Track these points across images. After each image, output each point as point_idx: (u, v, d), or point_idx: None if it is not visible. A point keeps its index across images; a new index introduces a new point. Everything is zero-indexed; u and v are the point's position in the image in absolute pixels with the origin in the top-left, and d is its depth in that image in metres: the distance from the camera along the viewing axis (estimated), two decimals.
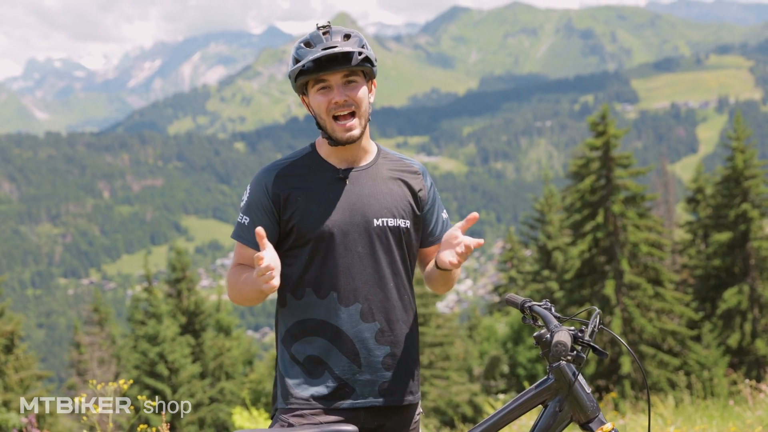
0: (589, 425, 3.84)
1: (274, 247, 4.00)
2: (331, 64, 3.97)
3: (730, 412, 10.74)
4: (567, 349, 3.71)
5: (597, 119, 30.24)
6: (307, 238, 4.06)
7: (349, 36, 4.05)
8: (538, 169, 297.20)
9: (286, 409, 4.09)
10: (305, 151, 4.24)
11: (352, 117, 4.05)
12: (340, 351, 4.05)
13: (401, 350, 4.15)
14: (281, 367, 4.14)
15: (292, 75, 4.07)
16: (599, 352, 3.75)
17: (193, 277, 36.50)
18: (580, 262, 29.79)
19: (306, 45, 4.04)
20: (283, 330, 4.15)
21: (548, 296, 37.40)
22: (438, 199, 4.39)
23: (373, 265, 4.10)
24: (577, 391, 3.81)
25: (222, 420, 33.31)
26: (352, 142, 4.08)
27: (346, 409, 4.03)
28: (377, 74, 4.17)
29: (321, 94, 4.03)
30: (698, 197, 36.33)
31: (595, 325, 3.92)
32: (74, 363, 37.16)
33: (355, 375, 4.04)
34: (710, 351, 29.75)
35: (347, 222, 4.07)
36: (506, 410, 3.91)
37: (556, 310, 3.96)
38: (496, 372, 39.84)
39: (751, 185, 31.23)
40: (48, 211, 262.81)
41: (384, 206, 4.13)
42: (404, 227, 4.17)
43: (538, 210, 44.10)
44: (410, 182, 4.26)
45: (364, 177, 4.17)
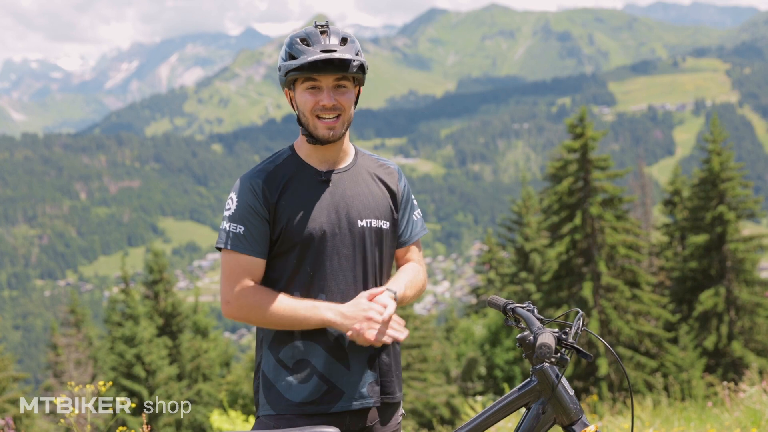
0: (572, 427, 3.85)
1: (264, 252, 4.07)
2: (327, 67, 3.96)
3: (708, 414, 10.77)
4: (551, 351, 3.70)
5: (575, 121, 30.29)
6: (294, 241, 4.04)
7: (347, 40, 4.05)
8: (515, 171, 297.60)
9: (273, 415, 4.06)
10: (285, 154, 4.20)
11: (336, 119, 4.04)
12: (328, 354, 4.03)
13: (387, 351, 4.16)
14: (267, 373, 4.10)
15: (284, 69, 4.04)
16: (583, 354, 3.75)
17: (170, 278, 36.41)
18: (558, 264, 29.84)
19: (303, 41, 4.02)
20: (270, 335, 4.11)
21: (526, 298, 37.46)
22: (411, 200, 4.39)
23: (359, 267, 4.10)
24: (561, 393, 3.83)
25: (199, 422, 33.23)
26: (331, 142, 4.07)
27: (334, 413, 4.02)
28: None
29: (310, 93, 4.02)
30: (675, 200, 36.45)
31: (579, 327, 3.93)
32: (51, 365, 37.01)
33: (344, 377, 4.03)
34: (687, 353, 29.86)
35: (333, 224, 4.06)
36: (489, 412, 3.92)
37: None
38: (474, 374, 39.85)
39: (727, 188, 31.37)
40: (24, 212, 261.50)
41: (367, 207, 4.14)
42: (385, 228, 4.19)
43: (515, 212, 44.18)
44: (388, 183, 4.27)
45: (346, 178, 4.16)
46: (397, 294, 4.08)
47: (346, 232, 4.08)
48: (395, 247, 4.33)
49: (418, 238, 4.40)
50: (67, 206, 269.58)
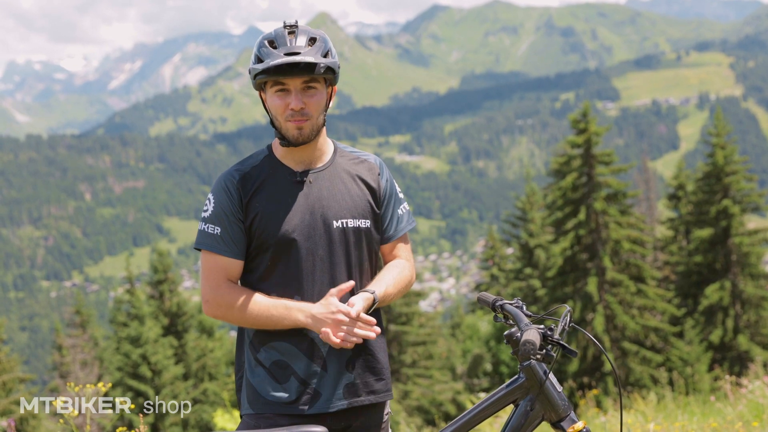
0: (561, 424, 3.84)
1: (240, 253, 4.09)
2: (292, 70, 3.93)
3: (711, 408, 10.76)
4: (535, 348, 3.69)
5: (578, 117, 30.24)
6: (269, 243, 4.03)
7: (315, 40, 4.02)
8: (519, 167, 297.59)
9: (252, 414, 4.07)
10: (262, 155, 4.19)
11: (305, 120, 4.01)
12: (305, 354, 4.03)
13: (366, 351, 4.14)
14: (247, 372, 4.11)
15: (252, 72, 4.02)
16: (569, 350, 3.74)
17: (175, 278, 36.45)
18: (563, 260, 29.81)
19: (270, 44, 4.00)
20: (250, 335, 4.11)
21: (531, 294, 37.40)
22: (395, 194, 4.34)
23: (339, 268, 4.08)
24: (548, 389, 3.81)
25: (206, 421, 33.25)
26: (303, 143, 4.05)
27: (312, 414, 4.02)
28: (358, 73, 4.16)
29: (278, 97, 4.00)
30: (679, 194, 36.36)
31: (566, 323, 3.92)
32: (57, 365, 37.01)
33: (321, 378, 4.03)
34: (692, 347, 29.82)
35: (307, 225, 4.05)
36: (477, 409, 3.91)
37: (539, 309, 3.97)
38: (479, 370, 39.87)
39: (731, 181, 31.32)
40: (29, 213, 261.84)
41: (343, 207, 4.12)
42: (364, 227, 4.16)
43: (519, 208, 44.09)
44: (368, 180, 4.24)
45: (322, 179, 4.14)
46: (376, 294, 4.06)
47: (322, 233, 4.07)
48: (380, 243, 4.31)
49: (404, 233, 4.37)
50: (72, 207, 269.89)
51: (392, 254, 4.36)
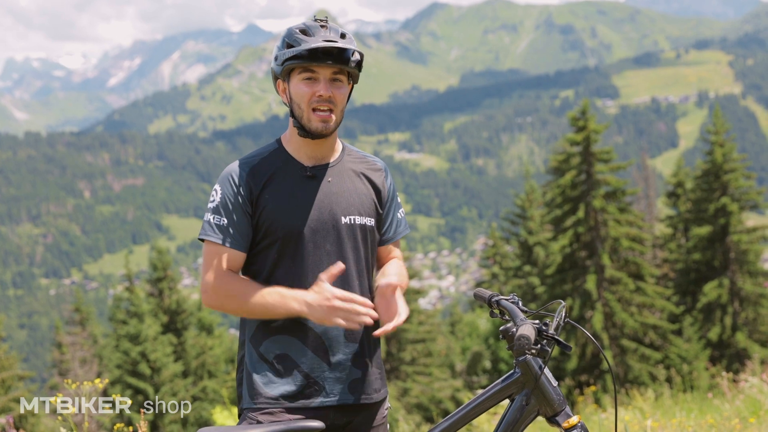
0: (556, 418, 3.85)
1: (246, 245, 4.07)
2: (326, 58, 3.94)
3: (709, 405, 10.79)
4: (530, 343, 3.69)
5: (577, 114, 30.22)
6: (276, 236, 4.02)
7: (345, 36, 4.04)
8: (519, 165, 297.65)
9: (254, 408, 4.05)
10: (272, 148, 4.17)
11: (330, 113, 4.01)
12: (309, 349, 4.02)
13: (369, 347, 4.15)
14: (249, 366, 4.10)
15: (281, 58, 4.01)
16: (563, 345, 3.76)
17: (174, 276, 36.47)
18: (562, 258, 29.82)
19: (302, 33, 3.99)
20: (252, 328, 4.11)
21: (530, 292, 37.43)
22: (396, 198, 4.37)
23: (343, 263, 4.04)
24: (544, 384, 3.83)
25: (205, 418, 33.27)
26: (324, 136, 4.04)
27: (315, 407, 4.01)
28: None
29: (306, 84, 3.98)
30: (678, 191, 36.35)
31: (561, 318, 3.94)
32: (56, 363, 37.04)
33: (325, 373, 4.02)
34: (691, 344, 29.85)
35: (315, 220, 4.04)
36: (474, 404, 3.93)
37: (538, 306, 3.98)
38: (479, 367, 39.90)
39: (730, 179, 31.31)
40: (28, 211, 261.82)
41: (351, 204, 4.12)
42: (369, 225, 4.17)
43: (519, 206, 44.07)
44: (374, 180, 4.25)
45: (332, 174, 4.14)
46: (392, 280, 4.05)
47: (330, 229, 4.06)
48: (378, 244, 4.32)
49: (401, 237, 4.39)
50: (71, 205, 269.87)
51: (388, 257, 4.37)
